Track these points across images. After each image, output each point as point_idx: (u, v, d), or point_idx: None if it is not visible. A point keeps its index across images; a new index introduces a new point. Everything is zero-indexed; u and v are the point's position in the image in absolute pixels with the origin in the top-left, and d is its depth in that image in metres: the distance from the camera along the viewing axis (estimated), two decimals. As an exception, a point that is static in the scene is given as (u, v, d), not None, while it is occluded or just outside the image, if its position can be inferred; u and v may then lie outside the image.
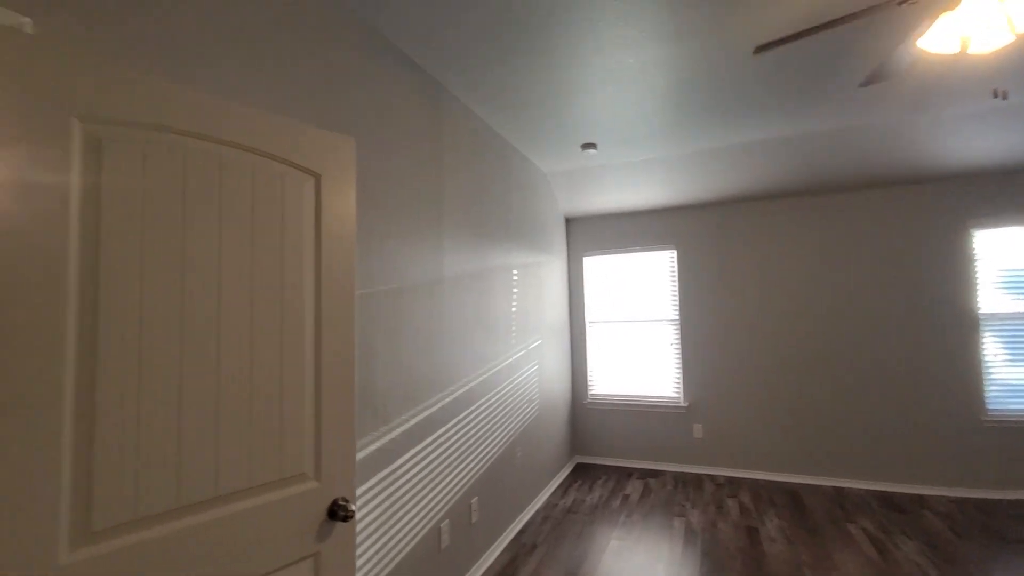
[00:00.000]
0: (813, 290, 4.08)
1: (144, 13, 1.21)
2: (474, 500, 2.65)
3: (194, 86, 1.32)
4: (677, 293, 4.49)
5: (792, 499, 3.65)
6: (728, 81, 2.59)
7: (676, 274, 4.50)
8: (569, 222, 4.91)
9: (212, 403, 1.12)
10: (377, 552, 1.88)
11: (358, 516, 1.80)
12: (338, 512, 1.32)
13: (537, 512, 3.53)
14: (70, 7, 1.06)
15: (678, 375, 4.46)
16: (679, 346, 4.46)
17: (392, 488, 2.00)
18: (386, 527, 1.95)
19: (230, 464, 1.14)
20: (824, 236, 4.08)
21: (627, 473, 4.34)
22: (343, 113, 1.83)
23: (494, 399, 2.98)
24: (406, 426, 2.12)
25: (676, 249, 4.51)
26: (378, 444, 1.93)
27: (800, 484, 3.94)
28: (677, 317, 4.48)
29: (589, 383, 4.74)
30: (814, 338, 4.05)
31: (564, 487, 4.05)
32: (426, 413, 2.27)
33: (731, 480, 4.08)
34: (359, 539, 1.81)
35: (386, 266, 2.02)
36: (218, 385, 1.13)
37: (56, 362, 0.90)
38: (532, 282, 3.79)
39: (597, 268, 4.82)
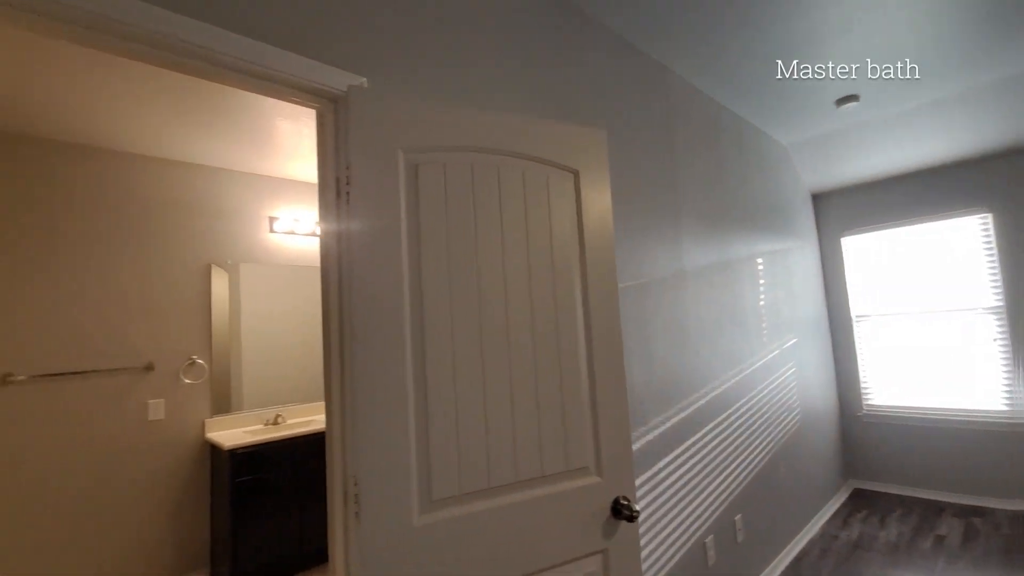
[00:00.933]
0: None
1: (434, 52, 1.41)
2: (738, 517, 2.36)
3: (472, 99, 1.48)
4: (998, 271, 3.33)
5: None
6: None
7: (993, 245, 3.36)
8: (817, 199, 4.15)
9: (507, 395, 1.20)
10: (647, 558, 1.80)
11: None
12: (622, 511, 1.28)
13: (812, 542, 2.99)
14: (390, 65, 1.29)
15: (1008, 381, 3.29)
16: (1008, 343, 3.29)
17: (655, 493, 1.90)
18: (652, 532, 1.86)
19: (525, 453, 1.21)
20: None
21: (934, 508, 3.37)
22: (582, 107, 1.86)
23: (750, 403, 2.64)
24: (662, 428, 2.00)
25: (990, 212, 3.36)
26: (638, 445, 1.86)
27: None
28: (1001, 303, 3.32)
29: (863, 390, 3.87)
30: None
31: (842, 516, 3.35)
32: (681, 415, 2.12)
33: None
34: (628, 542, 1.76)
35: (631, 260, 1.96)
36: (510, 379, 1.21)
37: (402, 368, 1.07)
38: (780, 271, 3.28)
39: (861, 249, 3.93)
